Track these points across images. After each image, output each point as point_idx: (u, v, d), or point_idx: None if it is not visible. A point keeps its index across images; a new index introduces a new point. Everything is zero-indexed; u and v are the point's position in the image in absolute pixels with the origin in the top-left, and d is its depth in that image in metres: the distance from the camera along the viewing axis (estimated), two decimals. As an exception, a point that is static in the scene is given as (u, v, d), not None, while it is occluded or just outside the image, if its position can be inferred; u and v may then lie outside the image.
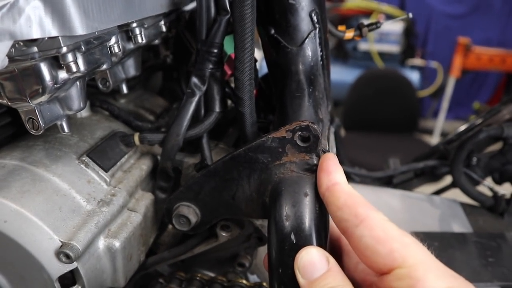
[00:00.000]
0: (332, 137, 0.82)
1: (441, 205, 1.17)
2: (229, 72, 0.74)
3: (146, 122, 0.83)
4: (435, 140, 4.22)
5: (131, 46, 0.67)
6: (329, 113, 0.73)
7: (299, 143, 0.53)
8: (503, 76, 4.98)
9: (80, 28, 0.46)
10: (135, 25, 0.64)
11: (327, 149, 0.58)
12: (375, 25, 0.84)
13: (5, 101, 0.53)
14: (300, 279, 0.44)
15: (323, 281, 0.43)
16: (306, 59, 0.69)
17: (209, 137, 0.73)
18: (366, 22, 0.84)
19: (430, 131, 4.50)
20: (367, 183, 1.29)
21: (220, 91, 0.70)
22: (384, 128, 3.36)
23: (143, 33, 0.65)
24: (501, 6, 4.84)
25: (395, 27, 4.40)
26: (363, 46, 4.62)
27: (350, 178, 1.31)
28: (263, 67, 0.75)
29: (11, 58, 0.47)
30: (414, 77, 4.39)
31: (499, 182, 1.19)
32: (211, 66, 0.67)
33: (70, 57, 0.49)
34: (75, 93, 0.57)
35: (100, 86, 0.72)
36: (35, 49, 0.47)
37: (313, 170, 0.53)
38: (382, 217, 0.42)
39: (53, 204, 0.59)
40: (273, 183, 0.55)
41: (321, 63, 0.71)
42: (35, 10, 0.42)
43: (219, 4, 0.65)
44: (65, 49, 0.48)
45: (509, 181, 1.18)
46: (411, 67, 4.62)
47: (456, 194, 1.20)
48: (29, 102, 0.52)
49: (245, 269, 0.80)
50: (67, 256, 0.55)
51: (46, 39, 0.45)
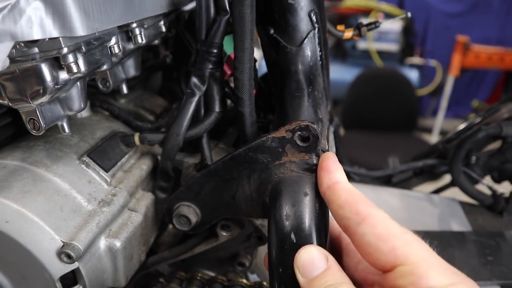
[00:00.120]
0: (331, 137, 0.82)
1: (440, 204, 1.17)
2: (228, 72, 0.74)
3: (146, 122, 0.83)
4: (434, 138, 4.22)
5: (131, 46, 0.68)
6: (328, 112, 0.74)
7: (298, 143, 0.53)
8: (502, 74, 4.99)
9: (80, 29, 0.46)
10: (135, 25, 0.64)
11: (327, 148, 0.59)
12: (374, 25, 0.84)
13: (6, 102, 0.53)
14: (299, 278, 0.45)
15: (323, 279, 0.43)
16: (305, 59, 0.69)
17: (209, 137, 0.73)
18: (365, 20, 0.84)
19: (429, 130, 4.51)
20: (367, 182, 1.29)
21: (219, 91, 0.70)
22: (383, 126, 3.36)
23: (143, 33, 0.65)
24: (500, 4, 4.84)
25: (394, 25, 4.40)
26: (362, 45, 4.62)
27: (349, 177, 1.31)
28: (262, 67, 0.75)
29: (12, 59, 0.47)
30: (413, 75, 4.39)
31: (498, 180, 1.19)
32: (210, 66, 0.67)
33: (70, 58, 0.50)
34: (75, 94, 0.58)
35: (100, 86, 0.72)
36: (36, 50, 0.47)
37: (313, 169, 0.53)
38: (383, 215, 0.43)
39: (54, 204, 0.59)
40: (273, 182, 0.55)
41: (320, 63, 0.71)
42: (36, 11, 0.42)
43: (219, 4, 0.65)
44: (65, 50, 0.48)
45: (508, 179, 1.18)
46: (410, 66, 4.62)
47: (455, 193, 1.21)
48: (30, 102, 0.52)
49: (245, 268, 0.81)
50: (69, 256, 0.55)
51: (47, 40, 0.46)
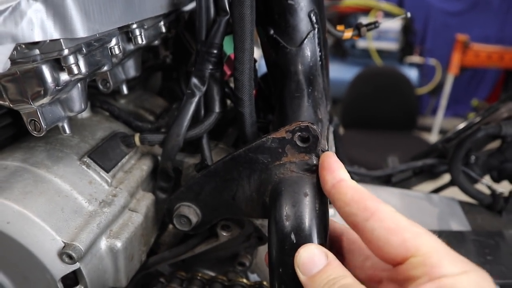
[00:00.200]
0: (331, 137, 0.82)
1: (440, 203, 1.17)
2: (228, 72, 0.74)
3: (146, 122, 0.83)
4: (433, 137, 4.22)
5: (131, 47, 0.68)
6: (328, 112, 0.74)
7: (298, 143, 0.54)
8: (502, 73, 4.99)
9: (81, 30, 0.46)
10: (135, 26, 0.64)
11: (327, 149, 0.59)
12: (374, 25, 0.84)
13: (7, 103, 0.53)
14: (301, 277, 0.45)
15: (324, 274, 0.43)
16: (305, 59, 0.69)
17: (209, 137, 0.73)
18: (364, 19, 0.85)
19: (428, 129, 4.51)
20: (366, 182, 1.29)
21: (219, 92, 0.70)
22: (382, 125, 3.36)
23: (143, 34, 0.65)
24: (499, 3, 4.84)
25: (393, 24, 4.39)
26: (361, 43, 4.62)
27: (349, 176, 1.31)
28: (262, 66, 0.75)
29: (13, 60, 0.47)
30: (412, 74, 4.39)
31: (497, 180, 1.19)
32: (210, 66, 0.67)
33: (71, 59, 0.50)
34: (76, 95, 0.58)
35: (100, 87, 0.72)
36: (37, 51, 0.47)
37: (313, 170, 0.53)
38: (390, 209, 0.43)
39: (55, 205, 0.59)
40: (273, 183, 0.55)
41: (320, 63, 0.71)
42: (37, 13, 0.42)
43: (219, 5, 0.65)
44: (66, 52, 0.48)
45: (507, 179, 1.18)
46: (409, 65, 4.62)
47: (454, 192, 1.21)
48: (31, 104, 0.52)
49: (245, 268, 0.81)
50: (70, 256, 0.56)
51: (47, 41, 0.46)
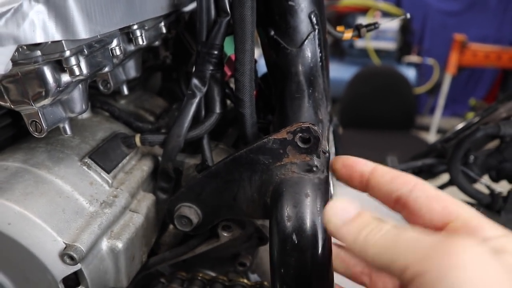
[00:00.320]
0: (331, 137, 0.82)
1: (439, 203, 1.17)
2: (229, 73, 0.74)
3: (146, 123, 0.83)
4: (431, 137, 4.23)
5: (132, 48, 0.68)
6: (328, 113, 0.74)
7: (299, 144, 0.54)
8: (499, 72, 5.00)
9: (83, 32, 0.46)
10: (136, 27, 0.64)
11: (327, 149, 0.59)
12: (374, 26, 0.85)
13: (8, 104, 0.53)
14: (331, 226, 0.43)
15: (359, 219, 0.42)
16: (305, 60, 0.69)
17: (209, 138, 0.73)
18: (362, 19, 0.85)
19: (426, 128, 4.52)
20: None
21: (220, 92, 0.70)
22: (381, 125, 3.37)
23: (143, 35, 0.65)
24: (497, 3, 4.85)
25: (391, 24, 4.39)
26: (359, 43, 4.62)
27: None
28: (261, 66, 0.75)
29: (14, 62, 0.47)
30: (410, 74, 4.39)
31: (496, 180, 1.20)
32: (211, 67, 0.67)
33: (73, 61, 0.50)
34: (77, 96, 0.58)
35: (101, 87, 0.72)
36: (39, 53, 0.47)
37: (314, 171, 0.53)
38: (427, 182, 0.46)
39: (56, 206, 0.59)
40: (274, 184, 0.56)
41: (321, 64, 0.71)
42: (39, 14, 0.42)
43: (219, 5, 0.65)
44: (68, 53, 0.48)
45: (506, 178, 1.19)
46: (407, 64, 4.63)
47: (453, 192, 1.21)
48: (32, 105, 0.52)
49: (246, 268, 0.81)
50: (71, 257, 0.56)
51: (49, 43, 0.46)
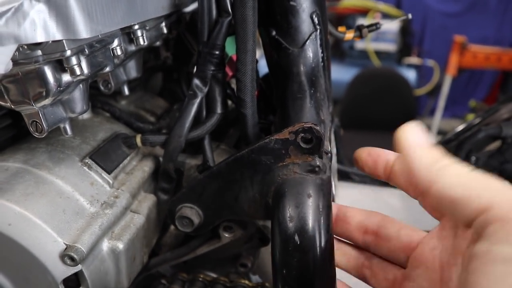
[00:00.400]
0: (332, 137, 0.82)
1: (440, 204, 1.17)
2: (230, 73, 0.74)
3: (147, 123, 0.83)
4: (432, 138, 4.22)
5: (133, 48, 0.68)
6: (330, 113, 0.74)
7: (302, 144, 0.53)
8: (499, 74, 4.99)
9: (84, 31, 0.46)
10: (137, 27, 0.64)
11: (329, 150, 0.59)
12: (375, 26, 0.85)
13: (8, 104, 0.52)
14: (406, 144, 0.47)
15: (436, 151, 0.44)
16: (307, 60, 0.69)
17: (211, 138, 0.73)
18: (362, 20, 0.85)
19: (427, 129, 4.51)
20: (367, 183, 1.29)
21: (221, 93, 0.70)
22: (381, 126, 3.35)
23: (144, 35, 0.65)
24: (497, 4, 4.85)
25: (391, 26, 4.39)
26: (359, 44, 4.61)
27: (349, 178, 1.31)
28: (262, 66, 0.75)
29: (15, 61, 0.47)
30: (410, 75, 4.39)
31: (497, 180, 1.20)
32: (212, 67, 0.67)
33: (74, 60, 0.49)
34: (78, 96, 0.58)
35: (102, 88, 0.72)
36: (39, 52, 0.47)
37: (316, 171, 0.53)
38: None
39: (57, 206, 0.59)
40: (276, 184, 0.55)
41: (322, 64, 0.71)
42: (40, 13, 0.42)
43: (221, 6, 0.65)
44: (69, 53, 0.48)
45: (507, 180, 1.18)
46: (407, 66, 4.62)
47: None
48: (33, 105, 0.51)
49: (248, 269, 0.81)
50: (72, 258, 0.55)
51: (50, 42, 0.45)
